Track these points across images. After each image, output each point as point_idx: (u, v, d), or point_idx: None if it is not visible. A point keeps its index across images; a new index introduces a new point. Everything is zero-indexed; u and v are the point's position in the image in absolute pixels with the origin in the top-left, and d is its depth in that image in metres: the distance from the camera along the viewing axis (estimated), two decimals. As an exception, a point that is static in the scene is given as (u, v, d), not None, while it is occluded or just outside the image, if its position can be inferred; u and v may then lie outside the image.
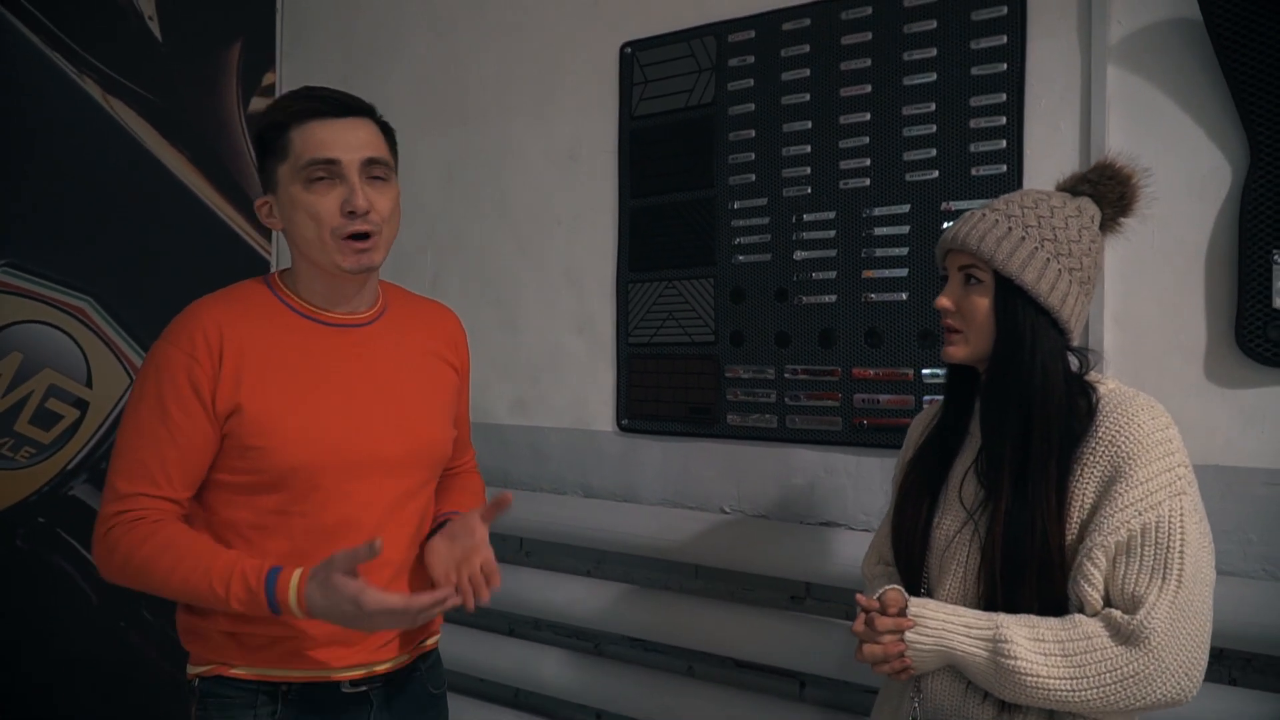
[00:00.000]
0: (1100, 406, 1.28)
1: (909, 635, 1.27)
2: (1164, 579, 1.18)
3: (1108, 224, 1.36)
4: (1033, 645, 1.20)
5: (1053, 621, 1.22)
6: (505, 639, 2.46)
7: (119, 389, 2.61)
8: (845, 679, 1.93)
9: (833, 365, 1.98)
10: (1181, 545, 1.19)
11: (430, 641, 1.54)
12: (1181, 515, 1.20)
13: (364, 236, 1.40)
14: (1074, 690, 1.18)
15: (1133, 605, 1.18)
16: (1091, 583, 1.21)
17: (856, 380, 1.96)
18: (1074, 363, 1.34)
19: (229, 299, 1.44)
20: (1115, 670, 1.17)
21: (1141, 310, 1.71)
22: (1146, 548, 1.19)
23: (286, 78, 2.98)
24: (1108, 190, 1.34)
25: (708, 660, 2.19)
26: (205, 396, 1.34)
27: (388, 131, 1.49)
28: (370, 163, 1.41)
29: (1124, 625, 1.17)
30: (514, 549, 2.49)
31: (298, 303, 1.45)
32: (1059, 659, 1.19)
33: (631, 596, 2.23)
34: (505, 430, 2.50)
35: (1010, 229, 1.29)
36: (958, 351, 1.34)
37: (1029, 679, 1.19)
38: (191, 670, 1.40)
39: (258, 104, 2.84)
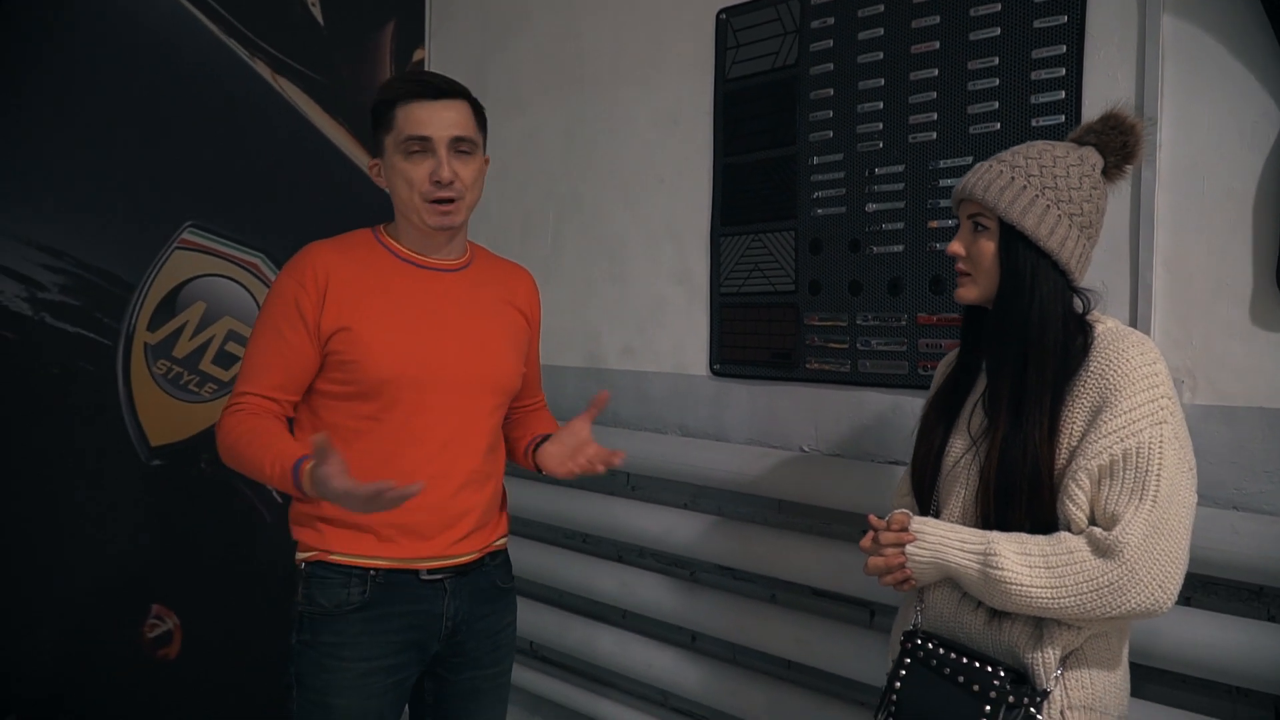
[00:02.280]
0: (1095, 343, 1.37)
1: (909, 549, 1.40)
2: (1140, 498, 1.27)
3: (1112, 171, 1.43)
4: (1019, 559, 1.31)
5: (1040, 538, 1.32)
6: (613, 564, 2.68)
7: (287, 335, 2.97)
8: (910, 608, 2.05)
9: (900, 312, 2.08)
10: (1159, 469, 1.27)
11: (499, 542, 1.79)
12: (1161, 442, 1.28)
13: (447, 201, 1.65)
14: (1054, 598, 1.28)
15: (1111, 523, 1.28)
16: (1076, 503, 1.31)
17: (921, 326, 2.05)
18: (1079, 303, 1.43)
19: (339, 242, 1.73)
20: (1092, 580, 1.26)
21: (1190, 255, 1.73)
22: (1127, 471, 1.28)
23: (434, 54, 3.26)
24: (1111, 140, 1.41)
25: (789, 588, 2.34)
26: (309, 318, 1.62)
27: (479, 112, 1.73)
28: (458, 140, 1.66)
29: (1102, 540, 1.27)
30: (622, 484, 2.70)
31: (396, 248, 1.72)
32: (1042, 571, 1.29)
33: (722, 528, 2.40)
34: (615, 375, 2.71)
35: (1013, 178, 1.38)
36: (968, 293, 1.45)
37: (1014, 588, 1.30)
38: (299, 556, 1.68)
39: (408, 79, 3.13)
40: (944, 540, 1.38)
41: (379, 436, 1.64)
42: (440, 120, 1.64)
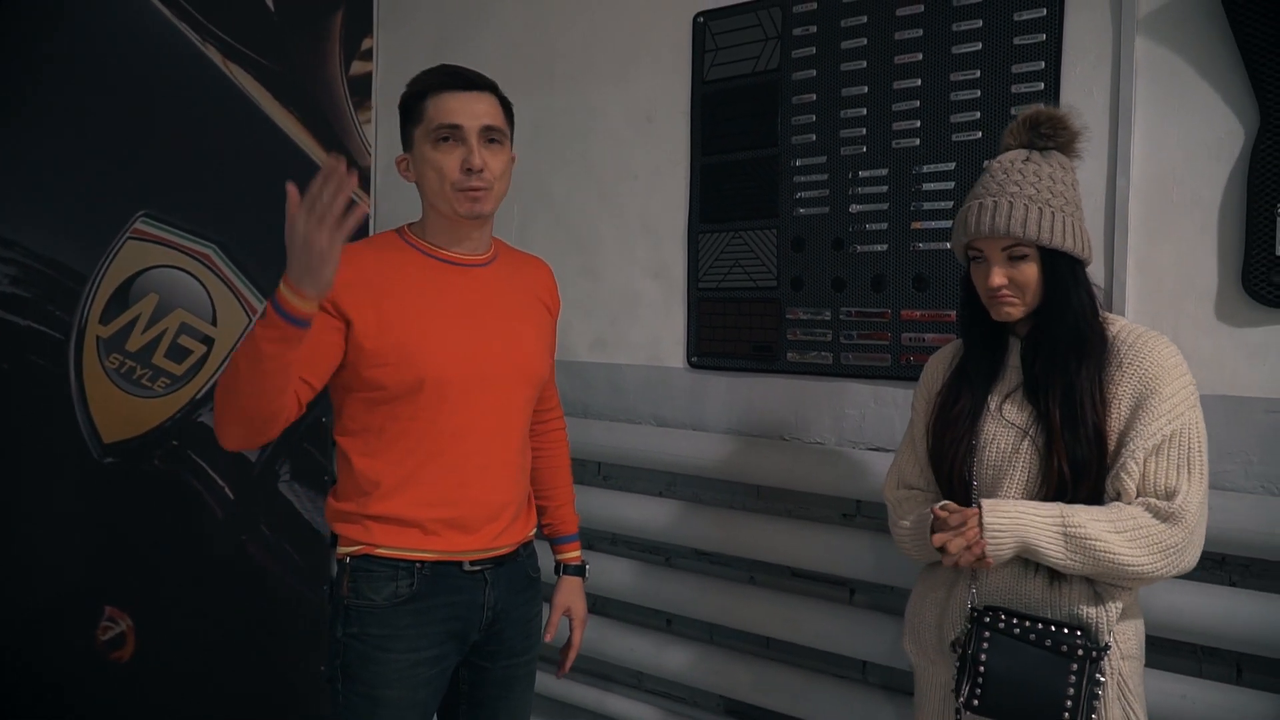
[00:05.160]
0: (1118, 339, 1.54)
1: (989, 521, 1.48)
2: (1191, 472, 1.47)
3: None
4: (1096, 524, 1.46)
5: (1098, 509, 1.48)
6: (586, 553, 2.72)
7: (239, 327, 2.91)
8: (890, 584, 2.18)
9: (883, 308, 2.21)
10: (1200, 446, 1.48)
11: (532, 533, 1.85)
12: (1197, 422, 1.49)
13: (477, 189, 1.68)
14: (1133, 559, 1.44)
15: (1168, 494, 1.46)
16: (1131, 477, 1.48)
17: (904, 321, 2.18)
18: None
19: (366, 242, 1.75)
20: (1161, 543, 1.44)
21: (1160, 258, 1.91)
22: (1175, 449, 1.47)
23: (383, 42, 3.23)
24: (1065, 139, 1.58)
25: (767, 570, 2.45)
26: (329, 307, 1.59)
27: (506, 105, 1.77)
28: (487, 129, 1.69)
29: (1164, 509, 1.45)
30: (593, 473, 2.76)
31: (424, 245, 1.74)
32: (1114, 535, 1.45)
33: (699, 514, 2.49)
34: (586, 367, 2.77)
35: (1041, 210, 1.51)
36: (1016, 312, 1.57)
37: (1100, 545, 1.44)
38: (342, 551, 1.69)
39: (358, 67, 3.09)
40: (1021, 514, 1.49)
41: (422, 435, 1.66)
42: (471, 110, 1.68)
